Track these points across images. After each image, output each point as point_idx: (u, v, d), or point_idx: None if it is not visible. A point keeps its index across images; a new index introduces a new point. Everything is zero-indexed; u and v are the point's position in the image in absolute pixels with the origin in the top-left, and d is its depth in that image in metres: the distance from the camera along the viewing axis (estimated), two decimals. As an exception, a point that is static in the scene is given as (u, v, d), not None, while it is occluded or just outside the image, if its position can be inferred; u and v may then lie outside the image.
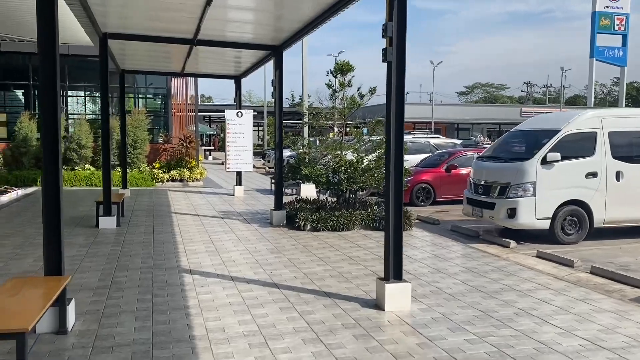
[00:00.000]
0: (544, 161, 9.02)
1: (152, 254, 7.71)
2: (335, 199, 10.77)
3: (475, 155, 16.08)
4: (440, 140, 20.92)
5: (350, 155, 10.39)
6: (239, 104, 15.71)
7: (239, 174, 15.81)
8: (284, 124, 38.65)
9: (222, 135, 51.33)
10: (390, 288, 5.47)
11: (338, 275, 6.73)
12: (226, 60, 13.54)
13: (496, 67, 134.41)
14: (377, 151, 10.16)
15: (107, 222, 9.68)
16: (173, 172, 18.39)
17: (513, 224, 9.22)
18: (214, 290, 5.99)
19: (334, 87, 10.26)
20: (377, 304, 5.57)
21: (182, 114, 20.72)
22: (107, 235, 9.06)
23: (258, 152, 37.92)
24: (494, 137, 54.47)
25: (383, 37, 5.40)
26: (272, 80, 10.34)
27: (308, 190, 15.46)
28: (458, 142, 21.43)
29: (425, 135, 23.81)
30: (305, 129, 13.12)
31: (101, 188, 17.91)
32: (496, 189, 9.57)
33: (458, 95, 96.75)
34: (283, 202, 10.59)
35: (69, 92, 20.56)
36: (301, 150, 10.54)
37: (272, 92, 10.36)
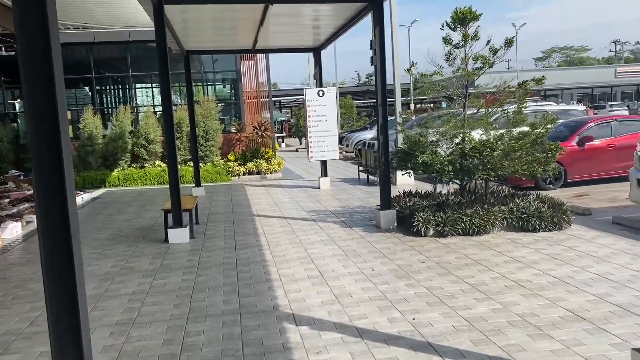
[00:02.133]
0: None
1: (237, 284, 5.66)
2: (451, 191, 8.34)
3: (616, 123, 13.10)
4: (558, 107, 17.76)
5: (477, 135, 7.91)
6: (319, 81, 13.49)
7: (324, 163, 13.65)
8: (356, 104, 36.12)
9: (292, 120, 49.63)
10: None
11: (519, 321, 4.36)
12: (303, 27, 11.33)
13: (572, 30, 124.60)
14: (518, 127, 7.61)
15: (178, 236, 7.78)
16: (249, 165, 16.53)
17: None
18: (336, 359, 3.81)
19: (453, 43, 7.77)
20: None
21: (254, 101, 18.84)
22: (178, 255, 7.14)
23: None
24: (586, 102, 49.33)
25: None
26: (371, 41, 8.01)
27: (403, 179, 13.09)
28: (580, 108, 18.17)
29: (535, 104, 20.60)
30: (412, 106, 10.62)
31: None
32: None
33: (535, 62, 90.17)
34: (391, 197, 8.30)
35: (136, 85, 19.18)
36: (413, 132, 8.14)
37: (372, 58, 8.03)
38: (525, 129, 7.65)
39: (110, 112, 17.38)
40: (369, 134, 25.41)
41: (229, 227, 8.88)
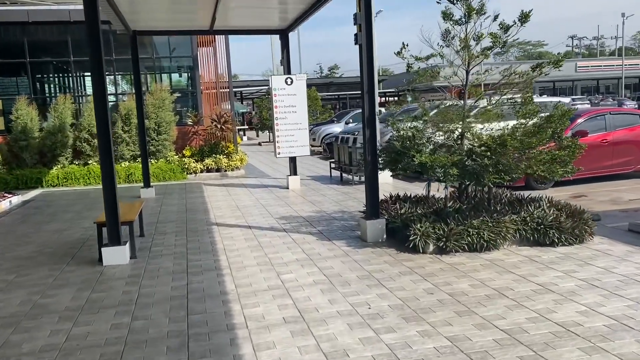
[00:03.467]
0: None
1: (187, 334, 4.14)
2: (446, 194, 7.03)
3: (610, 116, 12.08)
4: (540, 99, 16.74)
5: (482, 129, 6.59)
6: (286, 67, 11.97)
7: (292, 160, 12.15)
8: (320, 96, 34.49)
9: (254, 113, 47.69)
10: None
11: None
12: (269, 3, 9.82)
13: (528, 25, 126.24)
14: (533, 118, 6.31)
15: (115, 256, 6.17)
16: (208, 161, 14.87)
17: None
18: None
19: (454, 18, 6.40)
20: None
21: (212, 91, 17.11)
22: (112, 284, 5.54)
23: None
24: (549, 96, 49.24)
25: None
26: (355, 15, 6.55)
27: (380, 178, 11.75)
28: (566, 100, 17.22)
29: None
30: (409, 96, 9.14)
31: (122, 185, 14.73)
32: None
33: (493, 56, 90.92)
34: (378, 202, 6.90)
35: (79, 72, 17.17)
36: (406, 126, 6.73)
37: (356, 35, 6.58)
38: (533, 121, 6.36)
39: (49, 102, 15.33)
40: (337, 127, 24.06)
41: (181, 240, 7.31)
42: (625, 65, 55.11)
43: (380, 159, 7.14)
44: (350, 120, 24.66)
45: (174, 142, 15.32)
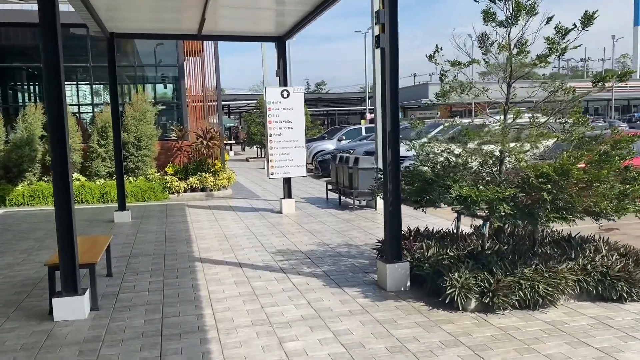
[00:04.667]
0: None
1: None
2: (468, 229, 5.82)
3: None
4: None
5: (522, 151, 5.40)
6: (283, 79, 10.74)
7: (287, 181, 10.87)
8: (310, 112, 33.14)
9: (241, 127, 46.27)
10: None
11: None
12: (264, 8, 8.64)
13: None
14: (596, 144, 5.13)
15: (69, 309, 4.81)
16: (192, 179, 13.52)
17: None
18: None
19: (498, 19, 5.23)
20: None
21: (199, 104, 15.75)
22: (61, 353, 4.18)
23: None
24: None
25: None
26: (378, 12, 5.34)
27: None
28: (622, 125, 16.21)
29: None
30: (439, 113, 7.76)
31: (95, 205, 13.28)
32: None
33: (479, 75, 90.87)
34: (398, 238, 5.62)
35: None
36: (439, 147, 5.50)
37: (378, 37, 5.37)
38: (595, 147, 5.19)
39: (18, 111, 13.86)
40: (329, 144, 22.84)
41: (156, 283, 5.96)
42: (611, 87, 54.96)
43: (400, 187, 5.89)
44: (344, 137, 23.49)
45: (156, 159, 13.96)
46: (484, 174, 5.63)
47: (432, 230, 6.61)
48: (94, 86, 15.19)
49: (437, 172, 5.32)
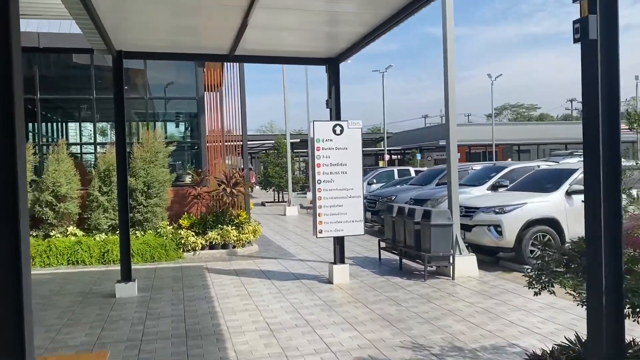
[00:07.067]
0: None
1: None
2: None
3: None
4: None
5: None
6: (335, 111, 8.49)
7: (339, 242, 8.46)
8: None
9: (251, 167, 44.05)
10: None
11: None
12: (316, 22, 6.50)
13: (520, 89, 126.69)
14: None
15: None
16: (211, 234, 11.13)
17: None
18: None
19: None
20: None
21: (217, 144, 13.43)
22: None
23: (302, 184, 30.71)
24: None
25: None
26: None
27: (464, 269, 8.14)
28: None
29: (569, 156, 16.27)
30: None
31: (94, 268, 9.88)
32: None
33: (486, 118, 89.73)
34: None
35: (47, 113, 13.67)
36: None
37: (580, 27, 3.06)
38: None
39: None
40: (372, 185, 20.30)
41: None
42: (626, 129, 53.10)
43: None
44: (374, 181, 21.13)
45: (168, 208, 11.62)
46: None
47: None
48: (98, 124, 13.05)
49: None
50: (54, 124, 15.11)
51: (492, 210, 9.62)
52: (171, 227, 11.31)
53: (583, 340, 3.68)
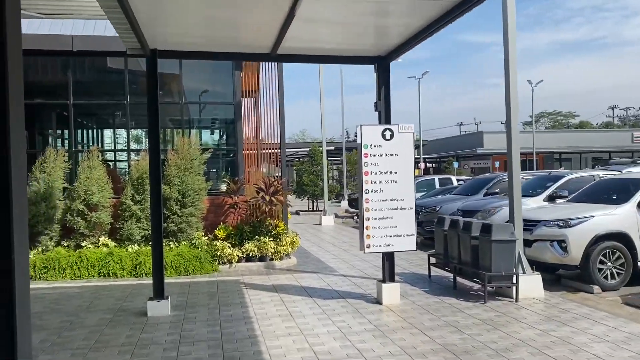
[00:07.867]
0: None
1: None
2: None
3: None
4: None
5: None
6: (385, 114, 7.77)
7: (389, 258, 7.72)
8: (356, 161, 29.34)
9: (279, 175, 43.56)
10: None
11: None
12: (365, 14, 5.81)
13: (553, 97, 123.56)
14: None
15: None
16: (248, 246, 10.52)
17: None
18: None
19: None
20: None
21: (252, 152, 12.88)
22: None
23: (336, 193, 30.02)
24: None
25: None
26: None
27: (529, 290, 7.28)
28: None
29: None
30: None
31: (125, 281, 9.12)
32: None
33: (523, 125, 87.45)
34: None
35: (81, 119, 13.35)
36: None
37: None
38: None
39: (36, 158, 11.16)
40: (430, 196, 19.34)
41: None
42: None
43: None
44: (415, 190, 20.19)
45: (203, 218, 11.07)
46: None
47: None
48: (132, 130, 12.66)
49: None
50: (88, 130, 14.81)
51: (556, 224, 8.72)
52: (206, 238, 10.75)
53: None
